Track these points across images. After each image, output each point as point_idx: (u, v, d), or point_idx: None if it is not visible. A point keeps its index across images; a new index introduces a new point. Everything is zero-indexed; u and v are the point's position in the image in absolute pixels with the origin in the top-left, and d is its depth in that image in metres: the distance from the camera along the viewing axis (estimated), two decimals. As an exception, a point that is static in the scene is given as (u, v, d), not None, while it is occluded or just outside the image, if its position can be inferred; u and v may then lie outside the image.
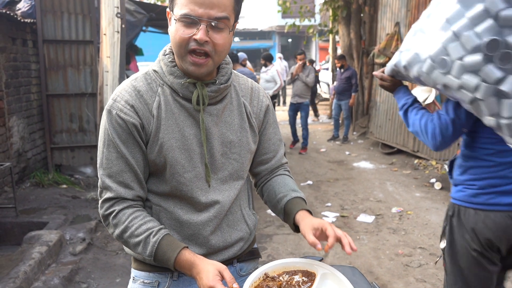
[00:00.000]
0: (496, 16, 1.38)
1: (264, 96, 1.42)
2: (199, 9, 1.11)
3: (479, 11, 1.40)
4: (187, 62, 1.16)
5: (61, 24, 5.55)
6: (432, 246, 3.95)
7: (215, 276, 1.09)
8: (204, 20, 1.12)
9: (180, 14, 1.12)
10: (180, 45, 1.15)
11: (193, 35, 1.13)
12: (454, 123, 1.72)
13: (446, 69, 1.51)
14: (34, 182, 5.30)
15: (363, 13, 9.09)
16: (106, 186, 1.21)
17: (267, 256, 3.84)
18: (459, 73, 1.48)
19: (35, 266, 3.12)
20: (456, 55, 1.47)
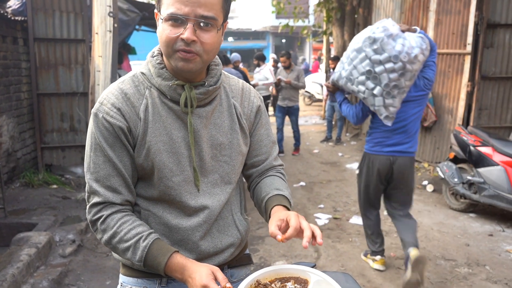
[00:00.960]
0: (370, 58, 2.92)
1: (255, 97, 1.39)
2: (185, 8, 1.09)
3: (363, 56, 2.96)
4: (176, 59, 1.14)
5: (52, 22, 5.48)
6: (424, 249, 3.94)
7: (208, 275, 1.07)
8: (191, 19, 1.10)
9: (167, 13, 1.10)
10: (167, 45, 1.13)
11: (180, 35, 1.10)
12: (362, 110, 3.20)
13: (351, 83, 3.07)
14: (24, 182, 5.23)
15: (357, 15, 9.10)
16: (94, 190, 1.18)
17: (259, 258, 3.81)
18: (357, 84, 3.04)
19: (23, 269, 3.06)
20: (355, 76, 3.03)
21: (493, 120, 5.94)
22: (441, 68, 6.26)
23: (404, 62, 2.83)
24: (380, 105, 2.96)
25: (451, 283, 3.36)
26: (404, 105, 3.05)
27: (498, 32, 5.67)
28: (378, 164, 3.17)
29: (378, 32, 2.88)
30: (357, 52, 2.96)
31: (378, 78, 2.90)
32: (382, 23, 2.98)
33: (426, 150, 6.60)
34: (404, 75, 2.87)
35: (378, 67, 2.88)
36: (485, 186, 4.46)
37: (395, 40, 2.86)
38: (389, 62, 2.84)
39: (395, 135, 3.10)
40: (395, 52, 2.82)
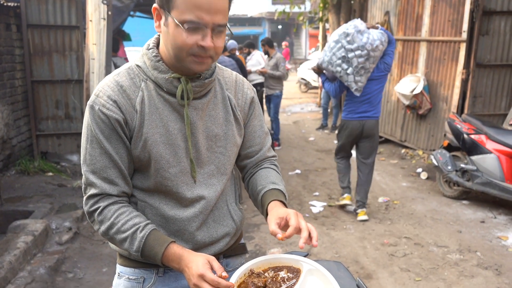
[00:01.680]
0: (344, 47, 3.86)
1: (248, 88, 1.41)
2: (206, 16, 1.09)
3: (339, 45, 3.91)
4: (190, 62, 1.15)
5: (45, 8, 5.42)
6: (417, 236, 4.01)
7: (204, 264, 1.10)
8: (209, 27, 1.11)
9: (185, 19, 1.09)
10: (182, 49, 1.13)
11: (198, 41, 1.11)
12: (340, 86, 4.14)
13: (331, 65, 3.98)
14: (20, 169, 5.23)
15: (353, 1, 9.04)
16: (90, 182, 1.20)
17: (254, 246, 3.86)
18: (335, 67, 3.96)
19: (20, 256, 3.09)
20: (334, 60, 3.95)
21: (487, 108, 5.97)
22: (436, 55, 6.26)
23: (368, 50, 3.86)
24: (352, 81, 3.98)
25: (442, 269, 3.42)
26: (369, 82, 4.08)
27: (493, 20, 5.66)
28: (351, 126, 4.21)
29: (350, 28, 3.92)
30: (335, 43, 3.98)
31: (350, 62, 3.91)
32: (353, 22, 4.00)
33: (420, 138, 6.64)
34: (368, 59, 3.91)
35: (350, 54, 3.89)
36: (478, 173, 4.51)
37: (362, 34, 3.89)
38: (358, 50, 3.86)
39: (363, 105, 4.14)
40: (362, 43, 3.85)
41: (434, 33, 6.27)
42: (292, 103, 13.01)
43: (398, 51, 7.06)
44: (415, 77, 6.50)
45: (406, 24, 6.86)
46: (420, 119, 6.60)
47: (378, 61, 4.02)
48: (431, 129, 6.43)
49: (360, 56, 3.85)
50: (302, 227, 1.16)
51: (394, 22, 7.12)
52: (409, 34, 6.81)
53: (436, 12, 6.19)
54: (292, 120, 10.33)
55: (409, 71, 6.85)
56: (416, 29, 6.64)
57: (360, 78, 3.95)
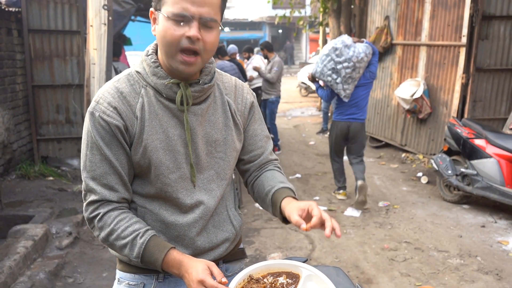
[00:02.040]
0: (334, 60, 4.41)
1: (248, 93, 1.42)
2: (191, 8, 1.11)
3: (330, 58, 4.46)
4: (177, 61, 1.16)
5: (47, 14, 5.45)
6: (417, 241, 4.00)
7: (204, 270, 1.10)
8: (196, 18, 1.12)
9: (172, 12, 1.11)
10: (171, 44, 1.14)
11: (185, 33, 1.12)
12: (331, 92, 4.59)
13: (323, 75, 4.53)
14: (20, 174, 5.23)
15: (353, 6, 9.08)
16: (90, 188, 1.20)
17: (254, 250, 3.86)
18: (326, 76, 4.51)
19: (20, 261, 3.09)
20: (325, 71, 4.51)
21: (487, 112, 5.97)
22: (436, 60, 6.28)
23: (354, 62, 4.38)
24: (340, 89, 4.50)
25: (443, 274, 3.41)
26: (356, 88, 4.58)
27: (493, 24, 5.68)
28: (340, 126, 4.71)
29: (338, 43, 4.47)
30: (326, 56, 4.53)
31: (339, 72, 4.43)
32: (341, 38, 4.55)
33: (420, 142, 6.65)
34: (354, 70, 4.42)
35: (339, 65, 4.42)
36: (478, 178, 4.51)
37: (349, 48, 4.42)
38: (345, 62, 4.39)
39: (351, 108, 4.63)
40: (348, 56, 4.38)
41: (434, 38, 6.29)
42: (292, 107, 13.02)
43: (398, 56, 7.07)
44: (415, 82, 6.51)
45: (406, 29, 6.88)
46: (420, 123, 6.61)
47: (364, 70, 4.52)
48: (431, 134, 6.43)
49: (347, 67, 4.38)
50: (325, 217, 1.17)
51: (394, 26, 7.14)
52: (409, 39, 6.82)
53: (436, 17, 6.21)
54: (293, 124, 10.34)
55: (409, 75, 6.86)
56: (416, 34, 6.66)
57: (348, 86, 4.48)
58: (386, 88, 7.46)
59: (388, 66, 7.37)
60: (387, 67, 7.40)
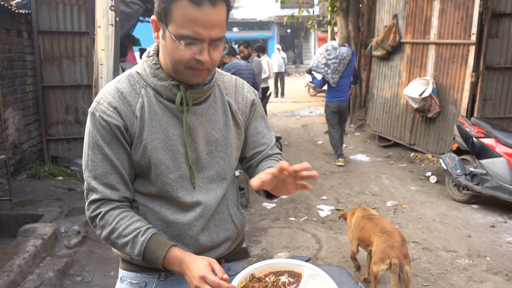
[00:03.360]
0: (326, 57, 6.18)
1: (248, 91, 1.41)
2: (203, 31, 1.10)
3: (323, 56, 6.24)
4: (185, 74, 1.18)
5: (56, 15, 5.51)
6: (425, 241, 3.97)
7: (206, 266, 1.11)
8: (206, 41, 1.12)
9: (182, 34, 1.10)
10: (179, 63, 1.15)
11: (195, 55, 1.13)
12: (323, 81, 6.34)
13: (318, 68, 6.30)
14: (30, 174, 5.30)
15: (361, 5, 9.03)
16: (92, 188, 1.22)
17: (261, 250, 3.86)
18: (320, 69, 6.26)
19: (29, 260, 3.13)
20: (320, 65, 6.27)
21: (497, 111, 5.90)
22: (445, 58, 6.22)
23: (340, 59, 6.12)
24: (330, 78, 6.21)
25: (451, 274, 3.38)
26: (341, 78, 6.30)
27: (503, 22, 5.61)
28: (333, 105, 6.45)
29: (329, 46, 6.22)
30: (320, 55, 6.26)
31: (329, 66, 6.16)
32: (331, 42, 6.35)
33: (429, 141, 6.59)
34: (339, 64, 6.16)
35: (329, 61, 6.14)
36: (488, 177, 4.47)
37: (336, 50, 6.16)
38: (333, 59, 6.12)
39: (338, 92, 6.36)
40: (335, 55, 6.12)
41: (443, 36, 6.23)
42: (301, 107, 13.00)
43: (407, 54, 7.03)
44: (424, 80, 6.45)
45: (415, 27, 6.83)
46: (429, 122, 6.55)
47: (346, 65, 6.25)
48: (440, 133, 6.37)
49: (335, 62, 6.14)
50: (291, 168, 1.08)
51: (403, 25, 7.09)
52: (418, 37, 6.77)
53: (445, 15, 6.16)
54: (301, 123, 10.32)
55: (418, 74, 6.81)
56: (425, 32, 6.60)
57: (335, 76, 6.22)
58: (394, 87, 7.41)
59: (397, 64, 7.32)
60: (396, 66, 7.35)
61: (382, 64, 7.78)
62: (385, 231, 2.92)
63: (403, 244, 2.83)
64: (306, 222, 4.47)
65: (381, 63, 7.78)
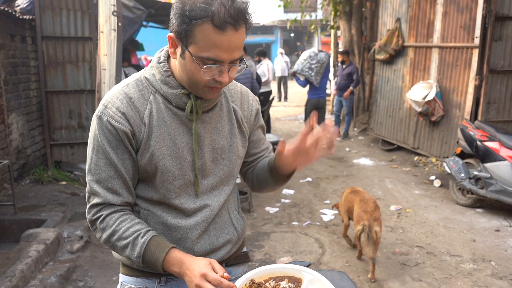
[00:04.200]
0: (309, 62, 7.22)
1: (253, 100, 1.44)
2: (224, 55, 1.11)
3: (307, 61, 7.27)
4: (202, 91, 1.19)
5: (60, 21, 5.54)
6: (429, 245, 3.94)
7: (207, 265, 1.11)
8: (226, 64, 1.13)
9: (203, 57, 1.11)
10: (197, 82, 1.16)
11: (214, 76, 1.14)
12: (306, 81, 7.42)
13: (302, 71, 7.31)
14: (34, 178, 5.31)
15: (364, 9, 9.03)
16: (94, 192, 1.22)
17: (264, 254, 3.84)
18: (304, 72, 7.28)
19: (32, 265, 3.13)
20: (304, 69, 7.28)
21: (501, 114, 5.87)
22: (448, 61, 6.20)
23: (321, 63, 7.11)
24: (313, 79, 7.19)
25: (455, 279, 3.35)
26: (321, 79, 7.27)
27: (506, 25, 5.59)
28: (313, 101, 7.43)
29: (311, 53, 7.15)
30: (304, 60, 7.20)
31: (313, 70, 7.11)
32: (312, 49, 7.29)
33: (433, 145, 6.56)
34: (321, 68, 7.16)
35: (312, 66, 7.10)
36: (492, 181, 4.43)
37: (317, 55, 7.13)
38: (315, 63, 7.10)
39: (318, 91, 7.37)
40: (317, 60, 7.11)
41: (446, 39, 6.22)
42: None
43: (410, 58, 7.01)
44: (428, 84, 6.43)
45: (418, 31, 6.82)
46: (433, 126, 6.53)
47: (325, 68, 7.27)
48: (444, 136, 6.34)
49: (317, 66, 7.16)
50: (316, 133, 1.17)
51: (406, 28, 7.08)
52: (421, 41, 6.76)
53: (448, 17, 6.14)
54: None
55: (421, 77, 6.79)
56: (428, 36, 6.59)
57: (317, 77, 7.24)
58: (398, 91, 7.40)
59: (400, 68, 7.31)
60: (399, 69, 7.34)
61: (385, 68, 7.76)
62: (362, 200, 3.47)
63: (375, 210, 3.36)
64: (309, 227, 4.46)
65: (384, 66, 7.77)
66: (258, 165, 1.45)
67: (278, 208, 4.97)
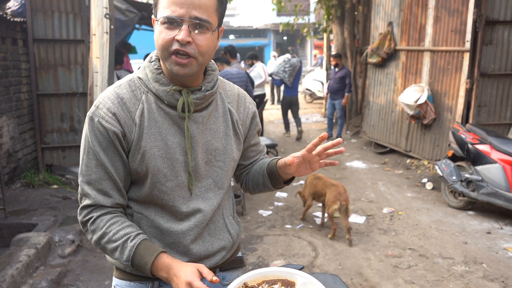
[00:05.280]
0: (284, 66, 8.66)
1: (250, 103, 1.43)
2: (180, 10, 1.11)
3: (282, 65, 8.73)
4: (171, 63, 1.15)
5: (51, 23, 5.51)
6: (421, 247, 3.96)
7: (193, 272, 1.10)
8: (185, 20, 1.12)
9: (162, 16, 1.12)
10: (163, 48, 1.15)
11: (175, 36, 1.12)
12: (281, 81, 8.86)
13: (279, 73, 8.71)
14: (25, 182, 5.26)
15: (356, 12, 9.09)
16: (85, 193, 1.21)
17: (257, 258, 3.84)
18: (280, 74, 8.69)
19: (22, 270, 3.09)
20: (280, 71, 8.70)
21: (492, 117, 5.93)
22: (440, 65, 6.25)
23: (293, 67, 8.47)
24: (287, 80, 8.46)
25: (447, 281, 3.37)
26: (294, 80, 8.45)
27: (497, 29, 5.65)
28: (288, 98, 8.72)
29: (285, 58, 8.64)
30: (279, 64, 8.60)
31: (286, 72, 8.44)
32: (286, 55, 8.87)
33: (425, 148, 6.60)
34: (293, 71, 8.45)
35: (286, 69, 8.46)
36: (483, 184, 4.47)
37: (290, 60, 8.56)
38: (289, 67, 8.47)
39: (291, 89, 8.61)
40: (290, 64, 8.50)
41: (438, 43, 6.27)
42: (297, 114, 13.00)
43: (402, 61, 7.06)
44: (419, 87, 6.48)
45: (410, 34, 6.87)
46: (424, 129, 6.57)
47: (297, 71, 8.50)
48: (436, 139, 6.39)
49: (290, 69, 8.47)
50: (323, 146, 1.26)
51: (398, 32, 7.13)
52: (413, 44, 6.81)
53: (439, 22, 6.20)
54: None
55: (413, 81, 6.83)
56: (420, 39, 6.64)
57: (290, 78, 8.49)
58: (390, 94, 7.44)
59: (392, 71, 7.36)
60: (391, 72, 7.39)
61: (377, 71, 7.81)
62: (333, 184, 4.23)
63: (345, 192, 4.14)
64: (302, 230, 4.46)
65: (377, 70, 7.82)
66: (254, 168, 1.46)
67: (271, 211, 4.96)
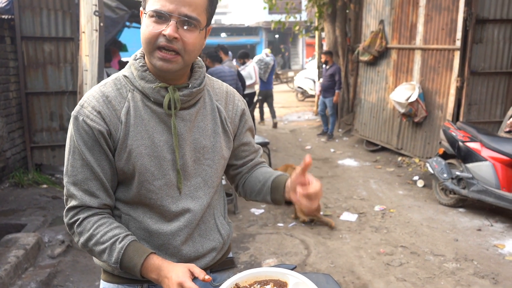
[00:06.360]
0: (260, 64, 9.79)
1: (239, 100, 1.40)
2: (170, 5, 1.09)
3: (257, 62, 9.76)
4: (155, 57, 1.13)
5: (40, 21, 5.43)
6: (413, 245, 3.98)
7: (184, 273, 1.09)
8: (174, 16, 1.10)
9: (151, 9, 1.11)
10: (149, 41, 1.12)
11: (162, 31, 1.10)
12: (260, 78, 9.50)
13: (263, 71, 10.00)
14: (13, 182, 5.19)
15: (348, 10, 9.10)
16: (71, 194, 1.18)
17: (249, 257, 3.82)
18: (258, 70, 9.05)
19: (11, 271, 3.05)
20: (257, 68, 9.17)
21: (482, 115, 5.97)
22: (431, 63, 6.28)
23: (267, 65, 9.72)
24: (262, 76, 9.60)
25: (439, 278, 3.39)
26: (268, 76, 9.76)
27: (487, 28, 5.69)
28: (263, 92, 9.80)
29: (261, 57, 9.88)
30: (256, 62, 9.29)
31: (261, 69, 9.59)
32: (261, 54, 10.09)
33: (416, 146, 6.64)
34: (267, 68, 9.73)
35: (261, 66, 9.62)
36: (474, 181, 4.50)
37: (264, 59, 9.80)
38: (264, 65, 9.69)
39: (266, 84, 9.79)
40: (264, 62, 9.72)
41: (429, 42, 6.30)
42: (289, 112, 13.02)
43: (393, 60, 7.08)
44: (410, 85, 6.51)
45: (401, 33, 6.89)
46: (416, 127, 6.60)
47: (271, 68, 9.63)
48: (427, 137, 6.42)
49: (264, 67, 9.57)
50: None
51: (389, 30, 7.15)
52: (404, 43, 6.83)
53: (430, 21, 6.22)
54: (289, 128, 10.33)
55: (404, 79, 6.86)
56: (411, 38, 6.67)
57: (265, 74, 9.58)
58: (381, 92, 7.46)
59: (383, 70, 7.38)
60: (382, 71, 7.41)
61: (369, 69, 7.83)
62: None
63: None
64: (295, 228, 4.45)
65: (368, 68, 7.84)
66: (255, 175, 1.41)
67: (264, 210, 4.96)
